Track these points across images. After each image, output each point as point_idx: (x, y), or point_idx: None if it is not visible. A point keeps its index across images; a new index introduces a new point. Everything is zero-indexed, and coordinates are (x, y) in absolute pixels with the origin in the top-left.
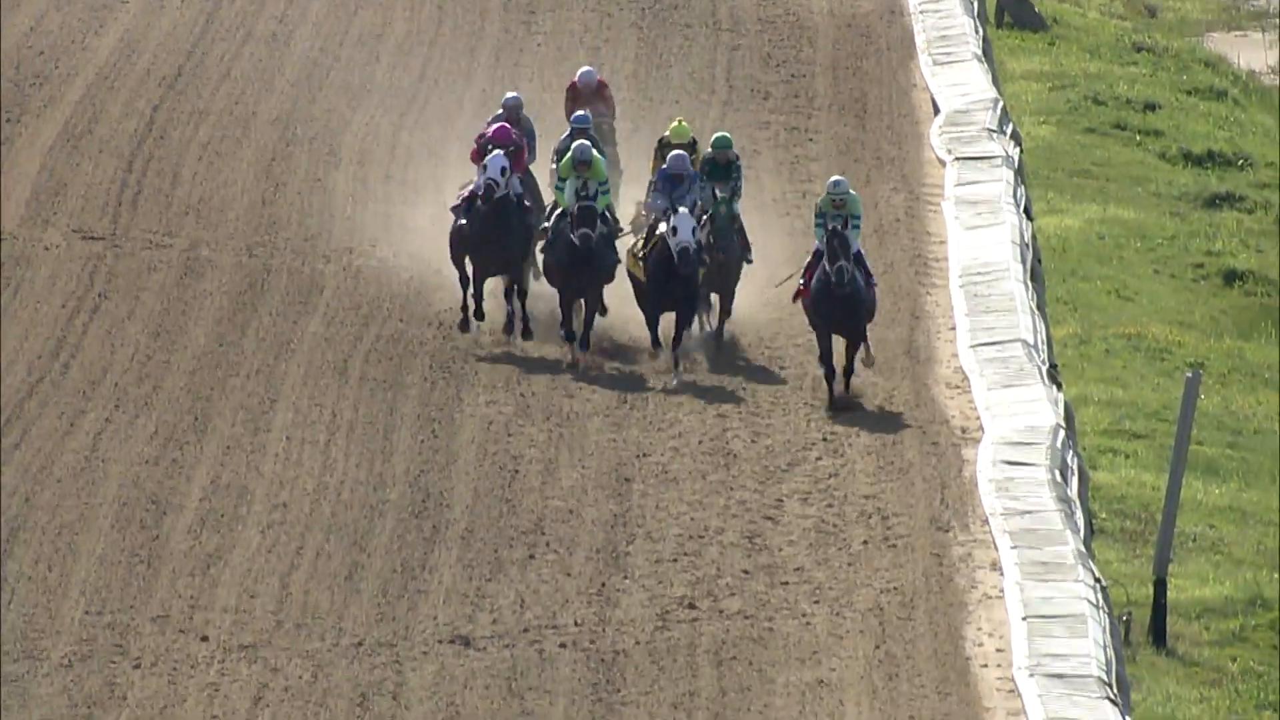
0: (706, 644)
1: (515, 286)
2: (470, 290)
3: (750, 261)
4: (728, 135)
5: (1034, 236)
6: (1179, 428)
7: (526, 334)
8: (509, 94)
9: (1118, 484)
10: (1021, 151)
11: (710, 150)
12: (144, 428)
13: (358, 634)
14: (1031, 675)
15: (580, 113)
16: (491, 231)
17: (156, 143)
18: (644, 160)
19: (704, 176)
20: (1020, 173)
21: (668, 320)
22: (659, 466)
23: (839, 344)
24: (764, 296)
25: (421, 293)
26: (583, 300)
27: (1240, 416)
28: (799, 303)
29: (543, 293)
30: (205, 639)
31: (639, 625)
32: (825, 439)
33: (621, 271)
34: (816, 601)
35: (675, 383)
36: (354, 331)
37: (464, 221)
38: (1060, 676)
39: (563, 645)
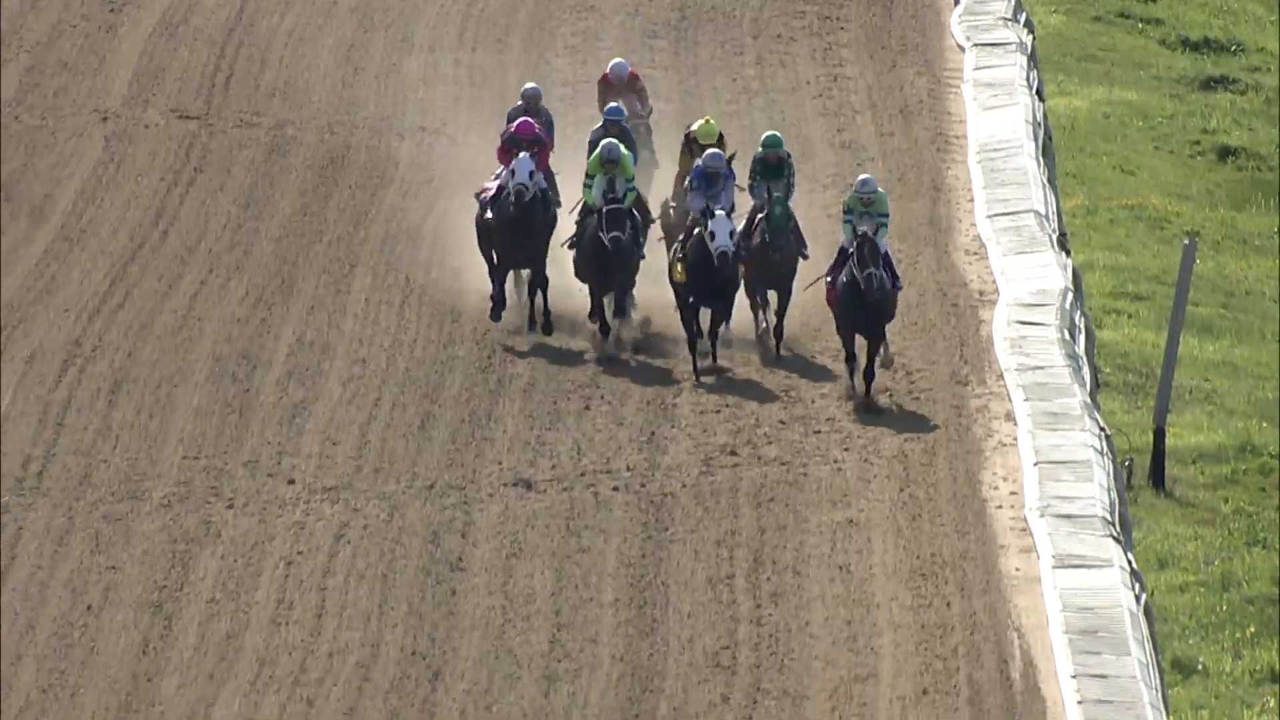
0: (746, 487)
1: (537, 282)
2: (496, 280)
3: (806, 257)
4: (778, 134)
5: (1045, 116)
6: (1177, 290)
7: (547, 328)
8: (528, 84)
9: (1121, 341)
10: (1034, 38)
11: (761, 150)
12: (236, 290)
13: (430, 478)
14: (1042, 516)
15: (613, 104)
16: (517, 225)
17: (246, 30)
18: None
19: (756, 176)
20: (1033, 58)
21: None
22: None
23: (860, 343)
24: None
25: (487, 168)
26: (612, 294)
27: (1233, 280)
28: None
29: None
30: (292, 482)
31: (685, 470)
32: None
33: (645, 265)
34: (846, 449)
35: (711, 365)
36: (426, 202)
37: (490, 215)
38: (1068, 517)
39: (616, 488)
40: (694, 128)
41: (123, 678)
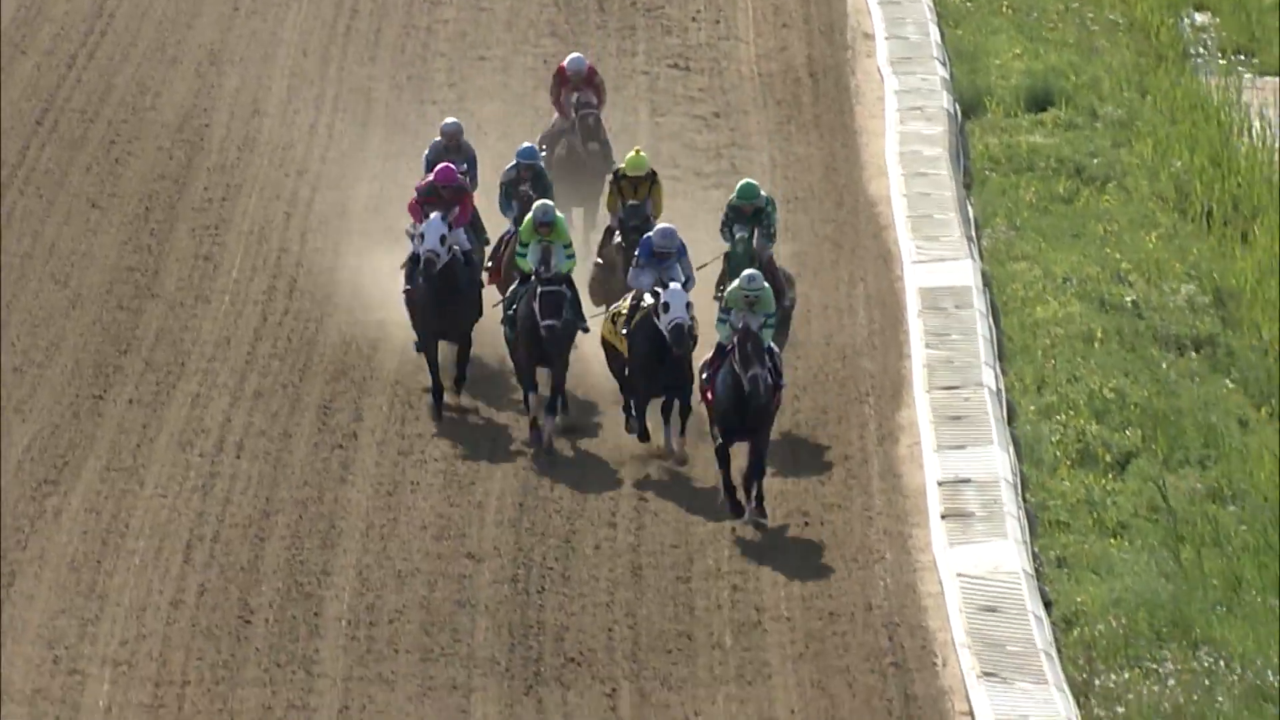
0: None
1: (461, 355)
2: (428, 356)
3: (794, 303)
4: (753, 182)
5: None
6: None
7: (461, 381)
8: (448, 119)
9: None
10: None
11: (735, 199)
12: None
13: None
14: None
15: (526, 145)
16: (440, 297)
17: None
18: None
19: (728, 226)
20: None
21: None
22: None
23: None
24: None
25: None
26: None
27: None
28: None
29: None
30: None
31: None
32: None
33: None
34: None
35: (677, 452)
36: None
37: (409, 285)
38: None
39: None
40: (622, 163)
41: (314, 48)
